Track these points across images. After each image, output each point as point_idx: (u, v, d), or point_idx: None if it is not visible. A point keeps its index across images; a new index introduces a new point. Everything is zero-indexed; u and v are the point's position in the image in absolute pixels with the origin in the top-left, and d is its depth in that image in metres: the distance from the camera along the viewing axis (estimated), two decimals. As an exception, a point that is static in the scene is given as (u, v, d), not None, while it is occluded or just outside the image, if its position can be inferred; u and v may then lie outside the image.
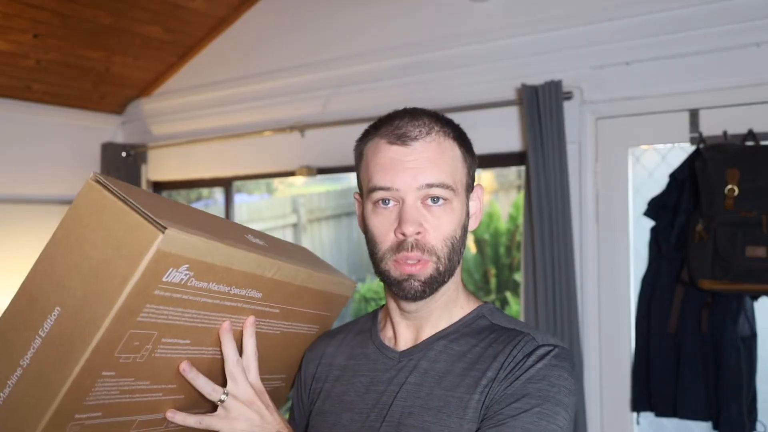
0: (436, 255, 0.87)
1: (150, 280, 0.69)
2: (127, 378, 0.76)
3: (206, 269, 0.76)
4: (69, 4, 2.66)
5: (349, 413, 0.94)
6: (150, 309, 0.72)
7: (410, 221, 0.85)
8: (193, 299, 0.77)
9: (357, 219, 0.98)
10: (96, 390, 0.73)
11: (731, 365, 1.93)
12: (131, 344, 0.73)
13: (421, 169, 0.87)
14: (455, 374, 0.88)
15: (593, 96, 2.25)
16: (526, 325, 0.93)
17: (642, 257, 2.18)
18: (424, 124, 0.89)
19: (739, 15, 1.99)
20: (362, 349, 1.00)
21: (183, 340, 0.80)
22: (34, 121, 3.28)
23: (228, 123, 3.22)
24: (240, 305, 0.86)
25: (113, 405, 0.77)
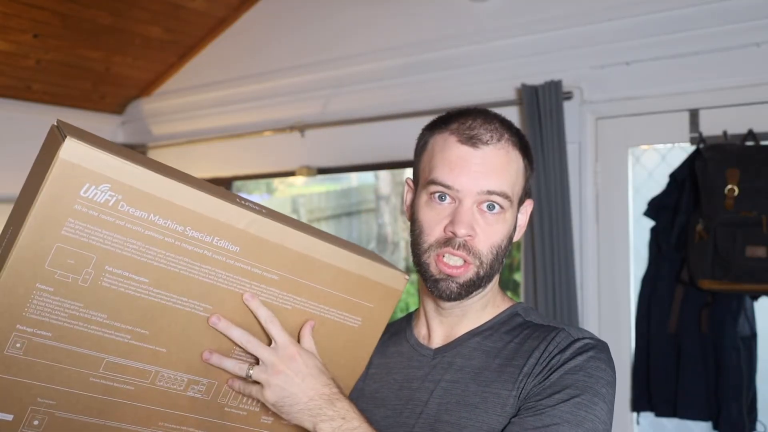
0: (480, 260, 0.88)
1: (62, 190, 0.72)
2: (74, 301, 0.77)
3: (138, 196, 0.76)
4: (69, 4, 2.66)
5: (382, 409, 0.95)
6: (75, 224, 0.74)
7: (464, 223, 0.86)
8: (133, 228, 0.77)
9: (404, 205, 0.98)
10: (35, 302, 0.75)
11: (731, 365, 1.93)
12: (64, 261, 0.75)
13: (485, 174, 0.87)
14: (492, 370, 0.88)
15: (593, 96, 2.25)
16: (561, 322, 0.94)
17: (642, 257, 2.18)
18: (496, 130, 0.89)
19: (739, 15, 1.99)
20: (396, 347, 1.00)
21: (137, 276, 0.80)
22: (34, 121, 3.28)
23: (228, 123, 3.22)
24: (210, 255, 0.83)
25: (64, 329, 0.78)
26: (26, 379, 0.79)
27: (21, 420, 0.80)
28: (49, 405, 0.81)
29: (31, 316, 0.76)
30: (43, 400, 0.80)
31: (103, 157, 0.74)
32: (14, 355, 0.77)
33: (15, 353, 0.77)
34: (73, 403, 0.82)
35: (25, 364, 0.78)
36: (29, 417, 0.80)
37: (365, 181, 5.26)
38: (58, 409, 0.82)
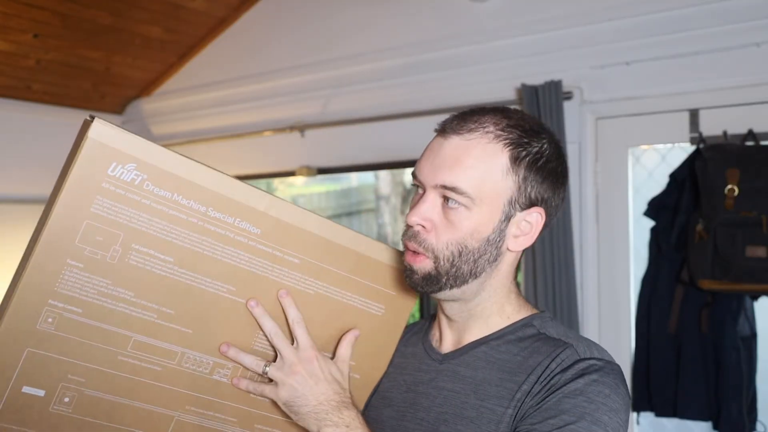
0: (435, 254, 0.84)
1: (92, 168, 0.76)
2: (102, 278, 0.80)
3: (163, 176, 0.79)
4: (69, 4, 2.66)
5: (388, 409, 0.94)
6: (103, 202, 0.77)
7: (416, 213, 0.84)
8: (158, 208, 0.80)
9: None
10: (65, 278, 0.78)
11: (731, 365, 1.93)
12: (93, 238, 0.78)
13: (444, 166, 0.83)
14: (491, 383, 0.85)
15: (593, 96, 2.25)
16: (577, 336, 0.87)
17: (642, 257, 2.18)
18: (477, 122, 0.84)
19: (739, 15, 1.99)
20: (412, 347, 0.99)
21: (163, 255, 0.82)
22: (34, 121, 3.28)
23: (228, 123, 3.22)
24: (232, 236, 0.85)
25: (94, 306, 0.80)
26: (58, 354, 0.81)
27: (52, 396, 0.82)
28: (79, 382, 0.83)
29: (62, 291, 0.79)
30: (74, 377, 0.82)
31: (129, 137, 0.77)
32: (46, 329, 0.79)
33: (47, 328, 0.79)
34: (102, 382, 0.84)
35: (57, 340, 0.80)
36: (60, 394, 0.82)
37: (365, 181, 5.26)
38: (87, 387, 0.83)
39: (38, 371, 0.80)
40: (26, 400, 0.81)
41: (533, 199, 0.85)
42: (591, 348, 0.84)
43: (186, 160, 0.81)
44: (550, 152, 0.86)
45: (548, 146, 0.86)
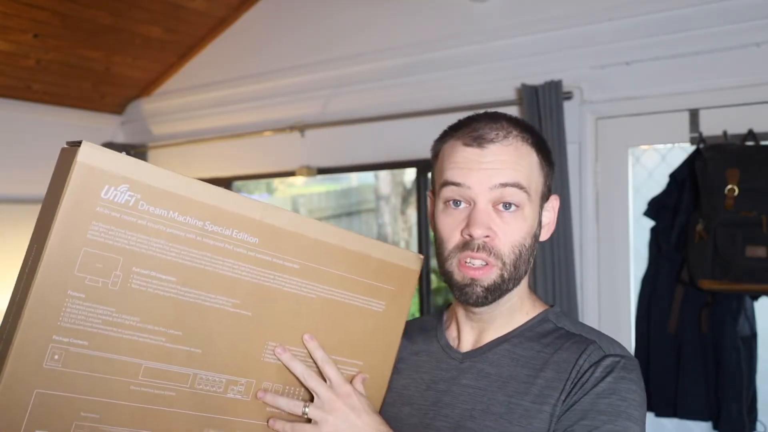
0: (503, 260, 0.86)
1: (84, 193, 0.74)
2: (106, 306, 0.78)
3: (156, 194, 0.78)
4: (69, 4, 2.66)
5: (408, 407, 0.95)
6: (99, 227, 0.75)
7: (479, 223, 0.84)
8: (155, 227, 0.79)
9: (428, 217, 0.98)
10: (68, 311, 0.75)
11: (731, 365, 1.93)
12: (93, 265, 0.76)
13: (496, 170, 0.85)
14: (519, 380, 0.87)
15: (593, 96, 2.25)
16: (592, 330, 0.91)
17: (642, 257, 2.19)
18: (502, 128, 0.88)
19: (739, 15, 1.99)
20: (426, 345, 1.00)
21: (164, 275, 0.81)
22: (34, 121, 3.28)
23: (228, 123, 3.22)
24: (231, 248, 0.84)
25: (99, 336, 0.78)
26: (68, 393, 0.78)
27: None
28: (94, 419, 0.80)
29: (66, 325, 0.76)
30: (87, 414, 0.79)
31: (118, 157, 0.76)
32: (53, 368, 0.76)
33: (54, 366, 0.76)
34: (117, 415, 0.81)
35: (65, 377, 0.77)
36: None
37: (365, 181, 5.26)
38: (102, 423, 0.81)
39: (50, 413, 0.77)
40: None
41: (550, 189, 0.93)
42: (612, 343, 0.87)
43: (177, 175, 0.80)
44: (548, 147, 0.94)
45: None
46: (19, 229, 3.20)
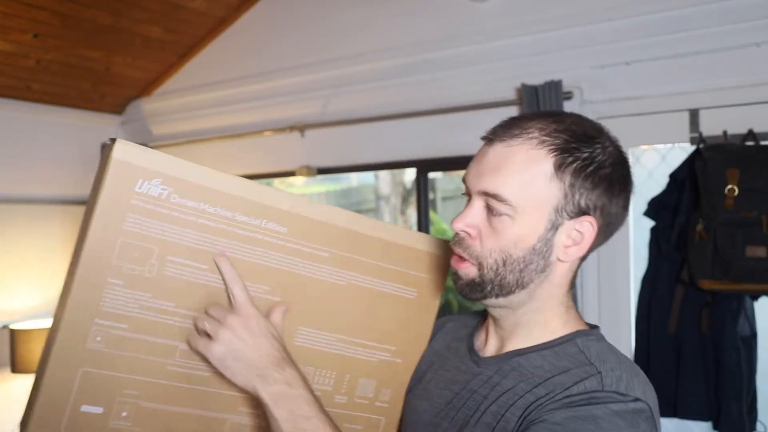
0: (479, 261, 0.82)
1: (120, 187, 0.78)
2: (143, 292, 0.83)
3: (188, 187, 0.82)
4: (69, 4, 2.66)
5: (425, 402, 0.94)
6: (134, 219, 0.80)
7: (460, 219, 0.83)
8: (187, 218, 0.83)
9: None
10: (108, 296, 0.81)
11: (731, 365, 1.93)
12: (129, 254, 0.81)
13: (486, 173, 0.81)
14: (517, 394, 0.82)
15: (593, 96, 2.25)
16: (615, 364, 0.80)
17: (642, 257, 2.18)
18: (522, 128, 0.81)
19: (739, 15, 2.00)
20: (459, 343, 0.98)
21: (197, 263, 0.85)
22: (34, 121, 3.28)
23: (228, 123, 3.22)
24: (261, 237, 0.87)
25: (139, 320, 0.83)
26: (110, 371, 0.83)
27: (110, 412, 0.85)
28: (134, 396, 0.85)
29: (107, 310, 0.82)
30: (128, 391, 0.85)
31: (151, 154, 0.80)
32: (96, 348, 0.82)
33: (97, 346, 0.82)
34: (156, 393, 0.86)
35: (108, 357, 0.83)
36: (117, 408, 0.85)
37: (365, 181, 5.26)
38: (142, 400, 0.86)
39: (94, 389, 0.83)
40: (86, 419, 0.84)
41: (583, 207, 0.81)
42: (621, 381, 0.77)
43: (207, 169, 0.84)
44: (604, 158, 0.81)
45: (602, 152, 0.81)
46: (19, 229, 3.21)
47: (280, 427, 0.79)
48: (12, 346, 2.85)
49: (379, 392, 1.01)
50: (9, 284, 3.14)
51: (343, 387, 0.98)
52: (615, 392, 0.75)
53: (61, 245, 3.37)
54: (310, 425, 0.79)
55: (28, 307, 3.20)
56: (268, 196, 0.87)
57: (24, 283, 3.19)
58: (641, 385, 0.78)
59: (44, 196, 3.31)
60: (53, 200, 3.34)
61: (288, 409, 0.80)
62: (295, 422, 0.79)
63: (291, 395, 0.80)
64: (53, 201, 3.34)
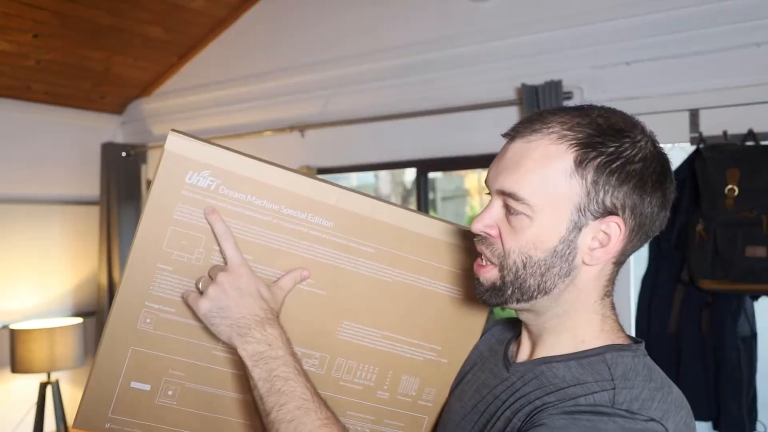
0: (502, 261, 0.78)
1: (171, 178, 0.82)
2: (191, 279, 0.86)
3: (235, 179, 0.84)
4: (69, 4, 2.66)
5: (459, 403, 0.93)
6: (184, 209, 0.83)
7: (480, 219, 0.79)
8: (234, 210, 0.85)
9: None
10: (158, 281, 0.85)
11: (731, 365, 1.93)
12: (179, 242, 0.85)
13: (504, 171, 0.77)
14: (527, 400, 0.78)
15: (593, 96, 2.25)
16: (642, 382, 0.74)
17: (642, 257, 2.19)
18: (543, 122, 0.76)
19: (739, 15, 2.00)
20: (499, 346, 0.94)
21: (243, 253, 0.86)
22: (34, 121, 3.28)
23: (228, 123, 3.22)
24: (307, 231, 0.88)
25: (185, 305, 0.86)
26: (158, 351, 0.88)
27: (157, 390, 0.90)
28: (180, 377, 0.90)
29: (156, 294, 0.86)
30: (175, 371, 0.89)
31: (201, 146, 0.83)
32: (146, 329, 0.87)
33: (146, 328, 0.87)
34: (200, 375, 0.90)
35: (156, 338, 0.87)
36: (164, 387, 0.90)
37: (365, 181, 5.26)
38: (187, 381, 0.90)
39: (143, 368, 0.88)
40: (135, 395, 0.89)
41: (609, 207, 0.74)
42: (636, 401, 0.71)
43: (255, 161, 0.85)
44: (634, 152, 0.75)
45: (631, 146, 0.75)
46: (19, 229, 3.21)
47: (257, 386, 0.80)
48: (12, 346, 2.85)
49: (422, 391, 1.00)
50: (9, 284, 3.14)
51: (386, 383, 0.98)
52: (625, 410, 0.70)
53: (60, 245, 3.37)
54: (288, 387, 0.79)
55: (28, 307, 3.20)
56: (315, 190, 0.88)
57: (24, 283, 3.20)
58: (663, 407, 0.71)
59: (44, 196, 3.31)
60: (53, 200, 3.34)
61: (266, 369, 0.80)
62: (273, 382, 0.79)
63: (270, 356, 0.80)
64: (53, 201, 3.34)
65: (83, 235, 3.49)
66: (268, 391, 0.78)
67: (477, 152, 2.48)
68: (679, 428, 0.72)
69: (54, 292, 3.30)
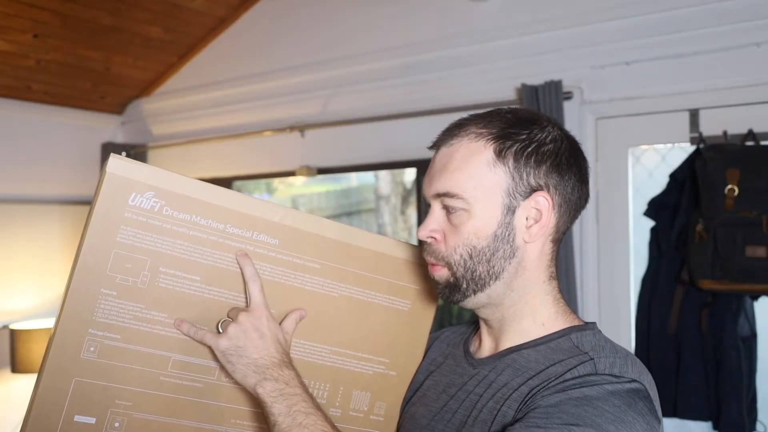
0: (446, 261, 0.85)
1: (113, 200, 0.80)
2: (136, 303, 0.84)
3: (179, 200, 0.83)
4: (69, 4, 2.66)
5: (423, 408, 0.95)
6: (128, 231, 0.82)
7: (423, 227, 0.86)
8: (179, 230, 0.84)
9: None
10: (102, 307, 0.82)
11: (731, 365, 1.93)
12: (123, 265, 0.82)
13: (434, 177, 0.86)
14: (511, 388, 0.82)
15: (593, 96, 2.25)
16: (609, 351, 0.81)
17: (642, 257, 2.18)
18: (459, 126, 0.86)
19: (739, 15, 1.99)
20: (454, 348, 0.99)
21: (189, 274, 0.86)
22: (34, 121, 3.28)
23: (228, 123, 3.22)
24: (252, 249, 0.88)
25: (131, 330, 0.84)
26: (104, 381, 0.84)
27: (103, 423, 0.85)
28: (127, 406, 0.86)
29: (100, 320, 0.83)
30: (121, 401, 0.86)
31: (143, 168, 0.82)
32: (90, 358, 0.83)
33: (90, 357, 0.83)
34: (149, 404, 0.87)
35: (101, 367, 0.84)
36: (110, 419, 0.86)
37: (365, 181, 5.26)
38: (135, 410, 0.87)
39: (87, 399, 0.84)
40: (79, 428, 0.84)
41: (534, 186, 0.83)
42: (615, 366, 0.78)
43: (198, 182, 0.85)
44: (543, 136, 0.84)
45: (540, 131, 0.84)
46: (19, 229, 3.21)
47: (277, 421, 0.81)
48: (12, 346, 2.84)
49: (373, 405, 1.00)
50: (9, 284, 3.14)
51: (338, 400, 0.98)
52: (609, 374, 0.77)
53: (60, 245, 3.37)
54: (309, 420, 0.81)
55: (28, 307, 3.20)
56: (259, 208, 0.88)
57: (24, 283, 3.19)
58: (636, 370, 0.80)
59: (44, 196, 3.31)
60: (53, 200, 3.34)
61: (286, 404, 0.82)
62: (294, 417, 0.81)
63: (288, 393, 0.83)
64: (53, 201, 3.34)
65: (83, 235, 3.49)
66: (290, 425, 0.80)
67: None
68: (651, 388, 0.80)
69: (54, 292, 3.30)
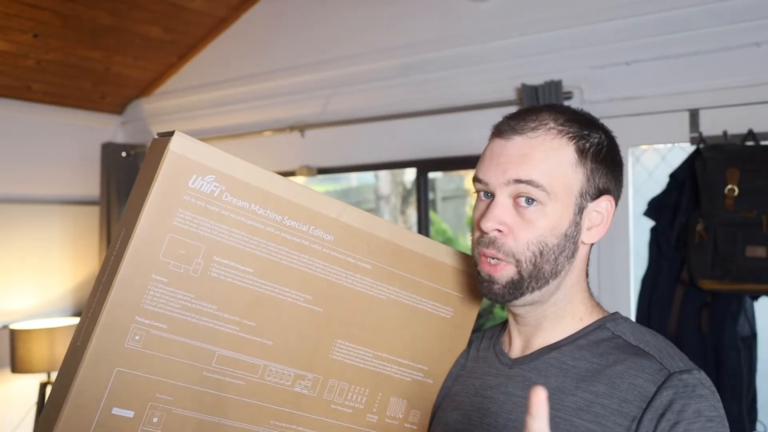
0: (515, 258, 0.82)
1: (173, 181, 0.76)
2: (186, 292, 0.80)
3: (240, 186, 0.81)
4: (69, 4, 2.66)
5: (455, 412, 0.93)
6: (185, 215, 0.78)
7: (490, 218, 0.82)
8: (237, 218, 0.81)
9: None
10: (151, 294, 0.78)
11: (731, 365, 1.93)
12: (176, 251, 0.78)
13: (512, 164, 0.81)
14: (567, 392, 0.81)
15: (593, 96, 2.25)
16: (656, 343, 0.84)
17: (642, 257, 2.18)
18: (536, 119, 0.83)
19: (739, 15, 1.99)
20: (485, 351, 0.97)
21: (242, 266, 0.82)
22: (34, 121, 3.28)
23: (228, 123, 3.22)
24: (307, 244, 0.86)
25: (178, 320, 0.80)
26: (146, 373, 0.80)
27: (141, 417, 0.81)
28: (167, 401, 0.82)
29: (148, 308, 0.78)
30: (162, 395, 0.81)
31: (207, 149, 0.78)
32: (134, 348, 0.79)
33: (134, 346, 0.79)
34: (189, 399, 0.83)
35: (144, 358, 0.79)
36: (149, 414, 0.81)
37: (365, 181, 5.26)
38: (175, 406, 0.83)
39: (127, 391, 0.79)
40: (116, 422, 0.79)
41: (602, 189, 0.85)
42: (673, 357, 0.81)
43: (260, 169, 0.82)
44: (608, 142, 0.86)
45: (605, 136, 0.86)
46: (19, 229, 3.21)
47: None
48: (12, 346, 2.85)
49: (408, 413, 0.99)
50: (9, 284, 3.14)
51: (375, 406, 0.96)
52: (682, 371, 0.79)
53: (60, 245, 3.37)
54: None
55: (28, 307, 3.20)
56: (318, 202, 0.86)
57: (24, 283, 3.20)
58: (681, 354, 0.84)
59: (44, 196, 3.31)
60: (53, 200, 3.34)
61: None
62: None
63: None
64: (53, 201, 3.34)
65: (83, 235, 3.49)
66: None
67: (477, 152, 2.46)
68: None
69: (54, 292, 3.30)
